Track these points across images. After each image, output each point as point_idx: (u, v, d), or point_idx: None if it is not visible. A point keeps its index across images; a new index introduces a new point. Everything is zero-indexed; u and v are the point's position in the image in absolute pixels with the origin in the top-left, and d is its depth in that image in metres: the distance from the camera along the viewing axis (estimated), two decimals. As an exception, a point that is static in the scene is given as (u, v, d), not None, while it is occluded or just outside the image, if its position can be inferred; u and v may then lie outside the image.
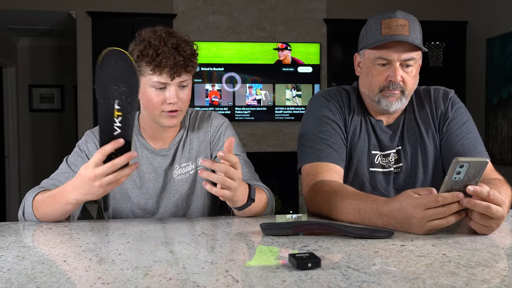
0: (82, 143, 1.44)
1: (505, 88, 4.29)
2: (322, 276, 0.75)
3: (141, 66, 1.29)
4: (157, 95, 1.31)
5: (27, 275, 0.77)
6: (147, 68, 1.28)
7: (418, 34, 1.34)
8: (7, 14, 4.81)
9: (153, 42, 1.28)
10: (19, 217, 1.30)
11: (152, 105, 1.32)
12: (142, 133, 1.46)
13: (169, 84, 1.30)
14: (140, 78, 1.30)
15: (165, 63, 1.26)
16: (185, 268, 0.81)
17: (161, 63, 1.26)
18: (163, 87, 1.30)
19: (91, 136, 1.44)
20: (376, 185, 1.43)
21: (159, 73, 1.28)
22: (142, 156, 1.44)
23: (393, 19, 1.32)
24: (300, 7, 4.73)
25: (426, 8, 4.82)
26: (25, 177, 6.09)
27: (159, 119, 1.35)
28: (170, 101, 1.30)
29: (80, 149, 1.42)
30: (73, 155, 1.42)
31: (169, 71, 1.28)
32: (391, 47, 1.32)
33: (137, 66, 1.28)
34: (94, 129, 1.47)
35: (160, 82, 1.29)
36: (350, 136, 1.44)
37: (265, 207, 1.33)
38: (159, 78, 1.29)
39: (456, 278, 0.74)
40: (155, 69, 1.27)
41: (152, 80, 1.29)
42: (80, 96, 4.56)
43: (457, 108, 1.44)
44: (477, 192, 0.97)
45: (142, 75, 1.31)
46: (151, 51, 1.26)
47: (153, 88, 1.31)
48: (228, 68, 4.60)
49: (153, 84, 1.30)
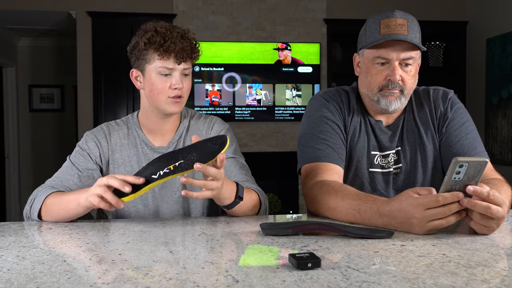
0: (83, 142, 1.47)
1: (505, 88, 4.29)
2: (322, 276, 0.75)
3: (147, 54, 1.36)
4: (163, 81, 1.37)
5: (27, 275, 0.77)
6: (155, 54, 1.35)
7: (417, 34, 1.34)
8: (7, 14, 4.81)
9: (160, 30, 1.35)
10: (24, 213, 1.31)
11: (157, 91, 1.38)
12: (143, 129, 1.49)
13: (174, 70, 1.36)
14: (146, 66, 1.38)
15: (173, 47, 1.32)
16: (185, 268, 0.81)
17: (170, 48, 1.32)
18: (168, 73, 1.36)
19: (90, 136, 1.47)
20: (375, 185, 1.43)
21: (167, 57, 1.34)
22: (142, 152, 1.47)
23: (391, 18, 1.32)
24: (300, 7, 4.73)
25: (426, 8, 4.83)
26: (25, 177, 6.09)
27: (164, 106, 1.40)
28: (175, 86, 1.36)
29: (81, 148, 1.46)
30: (75, 154, 1.45)
31: (175, 56, 1.34)
32: (390, 46, 1.32)
33: (143, 55, 1.36)
34: (93, 130, 1.50)
35: (166, 67, 1.35)
36: (349, 136, 1.44)
37: (256, 206, 1.35)
38: (166, 63, 1.35)
39: (456, 278, 0.74)
40: (163, 55, 1.33)
41: (158, 66, 1.35)
42: (80, 96, 4.56)
43: (456, 108, 1.44)
44: (477, 192, 0.97)
45: (148, 62, 1.37)
46: (159, 38, 1.33)
47: (159, 75, 1.37)
48: (228, 68, 4.60)
49: (159, 70, 1.36)
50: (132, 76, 1.44)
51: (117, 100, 4.47)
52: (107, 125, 1.51)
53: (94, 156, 1.45)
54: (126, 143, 1.48)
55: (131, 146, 1.47)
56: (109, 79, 4.44)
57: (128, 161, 1.46)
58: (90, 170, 1.42)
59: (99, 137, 1.47)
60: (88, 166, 1.42)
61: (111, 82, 4.45)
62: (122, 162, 1.46)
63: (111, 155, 1.47)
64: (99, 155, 1.45)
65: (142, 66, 1.39)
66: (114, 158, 1.46)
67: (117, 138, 1.48)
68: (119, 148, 1.47)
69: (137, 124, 1.50)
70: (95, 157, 1.45)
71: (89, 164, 1.43)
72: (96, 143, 1.45)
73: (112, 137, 1.48)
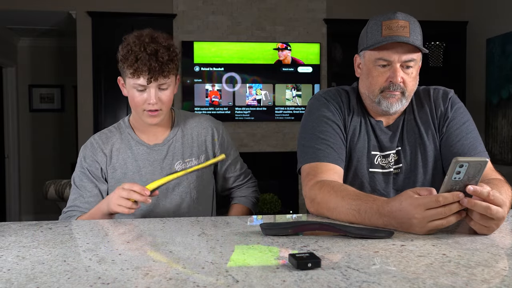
0: (82, 159, 1.53)
1: (505, 88, 4.29)
2: (322, 276, 0.75)
3: (123, 68, 1.43)
4: (139, 95, 1.44)
5: (27, 275, 0.77)
6: (128, 71, 1.41)
7: (419, 36, 1.34)
8: (7, 14, 4.81)
9: (134, 48, 1.40)
10: None
11: (134, 104, 1.46)
12: (135, 131, 1.55)
13: (148, 86, 1.42)
14: (125, 78, 1.46)
15: (142, 68, 1.39)
16: (185, 268, 0.81)
17: (138, 68, 1.38)
18: (143, 89, 1.42)
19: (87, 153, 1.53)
20: (375, 185, 1.43)
21: (137, 76, 1.40)
22: (138, 153, 1.52)
23: (393, 20, 1.32)
24: (300, 7, 4.73)
25: (426, 8, 4.83)
26: (25, 177, 6.09)
27: (142, 117, 1.47)
28: (149, 101, 1.42)
29: (82, 167, 1.52)
30: (78, 176, 1.52)
31: (145, 75, 1.40)
32: (392, 48, 1.32)
33: (121, 68, 1.44)
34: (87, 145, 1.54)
35: (139, 84, 1.42)
36: (349, 136, 1.44)
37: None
38: (138, 81, 1.41)
39: (456, 278, 0.74)
40: (134, 73, 1.40)
41: (132, 83, 1.42)
42: (80, 96, 4.56)
43: (456, 108, 1.44)
44: (477, 192, 0.97)
45: (126, 75, 1.44)
46: (132, 57, 1.39)
47: (134, 89, 1.43)
48: (228, 68, 4.60)
49: (134, 86, 1.43)
50: (120, 83, 1.51)
51: (117, 100, 4.46)
52: (100, 135, 1.56)
53: (96, 169, 1.51)
54: (122, 147, 1.52)
55: (127, 148, 1.52)
56: (109, 79, 4.44)
57: (124, 163, 1.51)
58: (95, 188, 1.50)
59: (94, 151, 1.52)
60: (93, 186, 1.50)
61: (111, 82, 4.40)
62: (119, 165, 1.51)
63: (108, 161, 1.52)
64: (99, 168, 1.51)
65: (124, 76, 1.46)
66: (112, 163, 1.51)
67: (111, 145, 1.53)
68: (116, 153, 1.52)
69: (129, 127, 1.55)
70: (96, 170, 1.51)
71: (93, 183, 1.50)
72: (92, 157, 1.51)
73: (107, 146, 1.52)
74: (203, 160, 1.55)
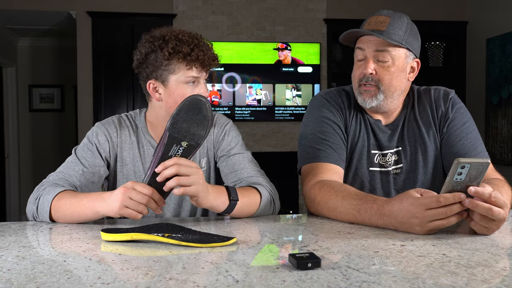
0: (93, 135, 1.41)
1: (505, 88, 4.29)
2: (322, 276, 0.75)
3: (170, 64, 1.32)
4: (191, 90, 1.35)
5: (27, 275, 0.77)
6: (180, 64, 1.32)
7: (399, 31, 1.33)
8: (7, 14, 4.81)
9: (183, 38, 1.32)
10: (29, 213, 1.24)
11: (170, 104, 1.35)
12: (150, 132, 1.46)
13: (200, 78, 1.36)
14: (169, 77, 1.34)
15: (202, 56, 1.32)
16: (185, 268, 0.81)
17: (198, 56, 1.31)
18: (194, 81, 1.35)
19: (101, 129, 1.42)
20: (375, 184, 1.43)
21: (194, 66, 1.33)
22: (147, 154, 1.44)
23: (376, 16, 1.36)
24: (300, 7, 4.73)
25: (426, 8, 4.82)
26: (25, 177, 6.09)
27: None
28: (204, 94, 1.34)
29: (90, 142, 1.40)
30: (83, 148, 1.39)
31: (202, 64, 1.33)
32: (366, 41, 1.35)
33: (165, 65, 1.32)
34: (104, 122, 1.45)
35: (194, 76, 1.34)
36: (350, 136, 1.44)
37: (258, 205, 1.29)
38: (193, 72, 1.33)
39: (456, 278, 0.74)
40: (191, 64, 1.32)
41: (185, 76, 1.33)
42: (80, 96, 4.56)
43: (457, 108, 1.44)
44: (479, 193, 0.97)
45: (172, 73, 1.33)
46: (185, 47, 1.31)
47: (185, 85, 1.35)
48: (228, 68, 4.60)
49: (186, 80, 1.34)
50: (150, 88, 1.37)
51: (117, 100, 4.47)
52: (119, 118, 1.47)
53: (104, 151, 1.40)
54: (134, 141, 1.44)
55: (139, 145, 1.45)
56: (109, 79, 4.44)
57: (135, 161, 1.44)
58: (97, 166, 1.37)
59: (110, 131, 1.42)
60: (95, 163, 1.37)
61: (111, 82, 4.44)
62: (130, 161, 1.43)
63: (119, 151, 1.43)
64: (108, 151, 1.41)
65: (164, 76, 1.34)
66: (123, 156, 1.43)
67: (127, 135, 1.44)
68: (128, 145, 1.43)
69: (144, 125, 1.46)
70: (104, 153, 1.40)
71: (97, 160, 1.37)
72: (106, 137, 1.40)
73: (123, 132, 1.43)
74: (204, 165, 1.46)
